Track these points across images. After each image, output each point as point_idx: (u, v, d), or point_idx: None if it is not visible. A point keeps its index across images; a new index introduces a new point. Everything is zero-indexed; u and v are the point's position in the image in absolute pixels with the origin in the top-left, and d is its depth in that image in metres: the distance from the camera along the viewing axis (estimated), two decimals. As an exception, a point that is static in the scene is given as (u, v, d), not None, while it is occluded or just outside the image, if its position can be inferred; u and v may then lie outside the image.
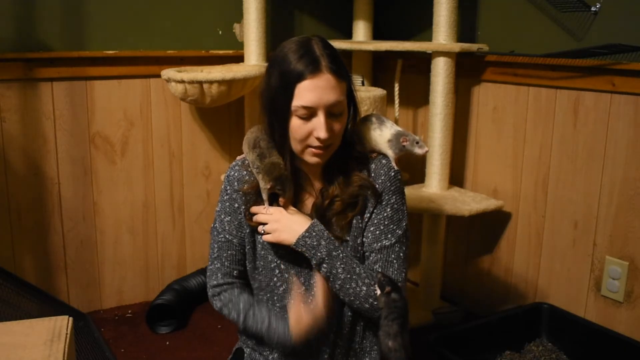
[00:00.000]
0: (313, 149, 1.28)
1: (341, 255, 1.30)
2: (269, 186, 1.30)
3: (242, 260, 1.41)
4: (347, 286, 1.30)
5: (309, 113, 1.25)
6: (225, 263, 1.40)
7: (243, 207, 1.37)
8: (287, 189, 1.31)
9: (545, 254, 2.20)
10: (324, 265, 1.30)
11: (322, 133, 1.24)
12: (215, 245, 1.42)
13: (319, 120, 1.25)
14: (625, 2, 1.88)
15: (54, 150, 2.28)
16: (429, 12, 2.24)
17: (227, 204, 1.39)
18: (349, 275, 1.30)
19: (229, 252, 1.40)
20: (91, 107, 2.32)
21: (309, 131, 1.26)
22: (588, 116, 2.01)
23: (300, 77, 1.24)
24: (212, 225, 1.43)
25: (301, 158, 1.32)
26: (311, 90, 1.24)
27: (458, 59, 2.24)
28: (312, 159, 1.30)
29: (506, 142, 2.29)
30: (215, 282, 1.41)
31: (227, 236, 1.39)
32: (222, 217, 1.40)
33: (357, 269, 1.31)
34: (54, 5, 2.20)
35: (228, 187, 1.39)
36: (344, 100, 1.28)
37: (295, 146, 1.30)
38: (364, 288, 1.30)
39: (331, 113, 1.26)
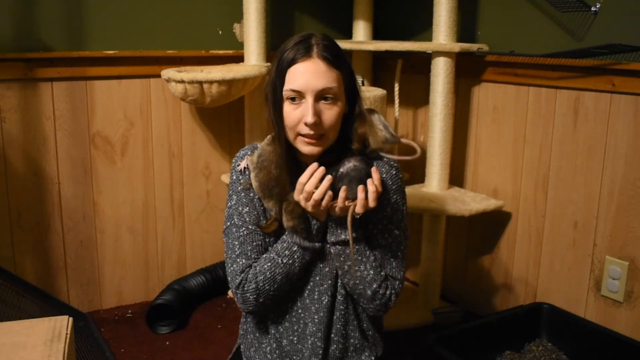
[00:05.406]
0: (304, 137, 1.27)
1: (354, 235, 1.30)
2: (292, 224, 1.29)
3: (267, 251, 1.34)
4: (356, 267, 1.29)
5: (298, 97, 1.25)
6: (252, 256, 1.32)
7: (257, 197, 1.33)
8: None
9: (545, 254, 2.20)
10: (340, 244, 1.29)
11: (308, 117, 1.24)
12: (236, 243, 1.33)
13: (307, 104, 1.25)
14: (625, 2, 1.87)
15: (54, 150, 2.28)
16: (429, 12, 2.24)
17: (242, 194, 1.34)
18: (359, 257, 1.30)
19: (254, 243, 1.32)
20: (91, 107, 2.32)
21: (299, 117, 1.26)
22: (588, 116, 2.01)
23: (292, 62, 1.26)
24: (226, 225, 1.36)
25: (297, 148, 1.31)
26: (300, 74, 1.25)
27: (458, 59, 2.24)
28: (305, 148, 1.28)
29: (506, 142, 2.29)
30: (241, 278, 1.32)
31: (250, 227, 1.33)
32: (240, 209, 1.33)
33: (367, 252, 1.32)
34: (54, 5, 2.20)
35: (241, 177, 1.35)
36: (336, 89, 1.26)
37: (290, 134, 1.29)
38: (371, 272, 1.31)
39: (321, 99, 1.26)
